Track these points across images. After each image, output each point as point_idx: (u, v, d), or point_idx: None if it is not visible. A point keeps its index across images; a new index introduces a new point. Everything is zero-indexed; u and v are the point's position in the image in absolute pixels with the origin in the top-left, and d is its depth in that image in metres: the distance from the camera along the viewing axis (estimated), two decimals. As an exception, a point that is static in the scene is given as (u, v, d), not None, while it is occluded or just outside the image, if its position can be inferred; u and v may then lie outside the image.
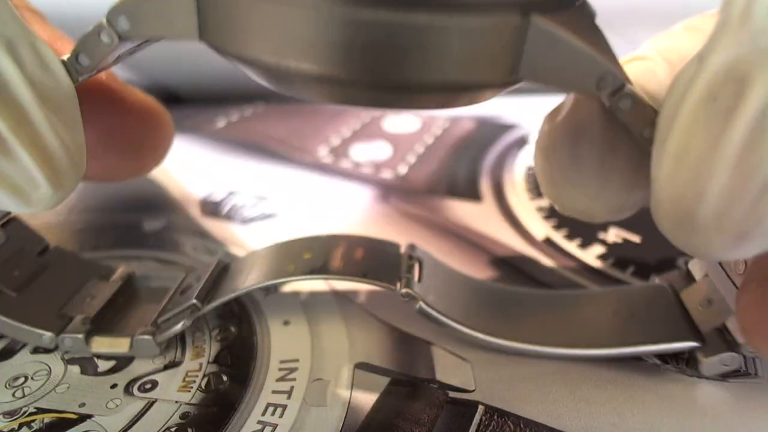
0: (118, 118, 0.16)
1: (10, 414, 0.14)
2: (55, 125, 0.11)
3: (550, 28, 0.10)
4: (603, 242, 0.20)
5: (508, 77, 0.10)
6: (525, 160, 0.26)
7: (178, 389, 0.15)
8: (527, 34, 0.10)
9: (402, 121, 0.30)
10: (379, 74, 0.10)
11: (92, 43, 0.11)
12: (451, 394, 0.15)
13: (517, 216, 0.22)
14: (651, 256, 0.20)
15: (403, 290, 0.15)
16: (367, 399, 0.14)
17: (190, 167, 0.25)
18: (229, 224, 0.22)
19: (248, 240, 0.21)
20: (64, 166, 0.12)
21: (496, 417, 0.14)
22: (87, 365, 0.15)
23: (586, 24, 0.11)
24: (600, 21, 0.11)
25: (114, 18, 0.11)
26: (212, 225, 0.22)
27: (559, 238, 0.21)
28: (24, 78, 0.11)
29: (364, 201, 0.23)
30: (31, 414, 0.14)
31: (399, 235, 0.21)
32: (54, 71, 0.11)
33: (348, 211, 0.22)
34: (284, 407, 0.14)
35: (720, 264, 0.14)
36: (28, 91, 0.11)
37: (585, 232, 0.21)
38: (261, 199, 0.23)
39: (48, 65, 0.11)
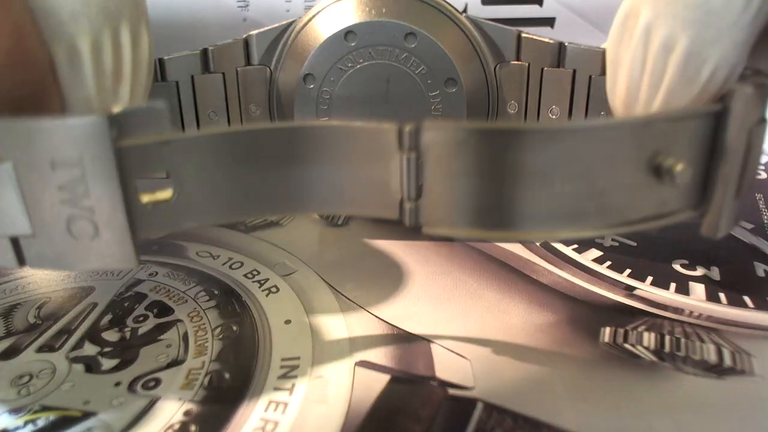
0: None
1: (15, 411, 0.14)
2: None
3: None
4: (599, 246, 0.21)
5: None
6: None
7: (181, 387, 0.15)
8: None
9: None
10: None
11: None
12: (451, 391, 0.15)
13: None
14: (646, 259, 0.20)
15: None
16: (367, 396, 0.15)
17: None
18: (232, 231, 0.22)
19: (251, 246, 0.21)
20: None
21: (495, 413, 0.14)
22: (91, 363, 0.16)
23: None
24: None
25: None
26: (215, 231, 0.22)
27: (556, 242, 0.21)
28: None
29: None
30: (36, 412, 0.14)
31: (399, 238, 0.21)
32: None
33: (351, 218, 0.23)
34: (286, 404, 0.14)
35: None
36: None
37: (582, 236, 0.21)
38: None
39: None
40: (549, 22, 0.30)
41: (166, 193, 0.13)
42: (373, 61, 0.18)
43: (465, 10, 0.30)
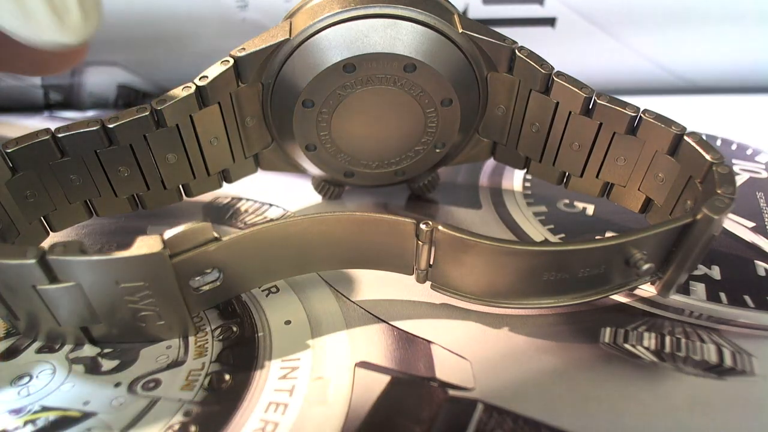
0: None
1: (15, 412, 0.14)
2: None
3: None
4: (600, 245, 0.21)
5: None
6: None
7: (181, 387, 0.15)
8: None
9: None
10: None
11: None
12: (451, 392, 0.15)
13: (515, 220, 0.22)
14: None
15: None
16: (367, 397, 0.15)
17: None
18: (232, 230, 0.22)
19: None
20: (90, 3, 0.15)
21: (495, 415, 0.14)
22: (91, 364, 0.16)
23: None
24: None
25: None
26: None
27: (556, 240, 0.21)
28: None
29: (366, 206, 0.23)
30: (36, 412, 0.14)
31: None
32: None
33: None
34: (286, 405, 0.14)
35: None
36: None
37: (581, 237, 0.21)
38: (264, 204, 0.23)
39: None
40: (550, 21, 0.30)
41: (213, 278, 0.16)
42: (372, 87, 0.18)
43: (465, 12, 0.30)
